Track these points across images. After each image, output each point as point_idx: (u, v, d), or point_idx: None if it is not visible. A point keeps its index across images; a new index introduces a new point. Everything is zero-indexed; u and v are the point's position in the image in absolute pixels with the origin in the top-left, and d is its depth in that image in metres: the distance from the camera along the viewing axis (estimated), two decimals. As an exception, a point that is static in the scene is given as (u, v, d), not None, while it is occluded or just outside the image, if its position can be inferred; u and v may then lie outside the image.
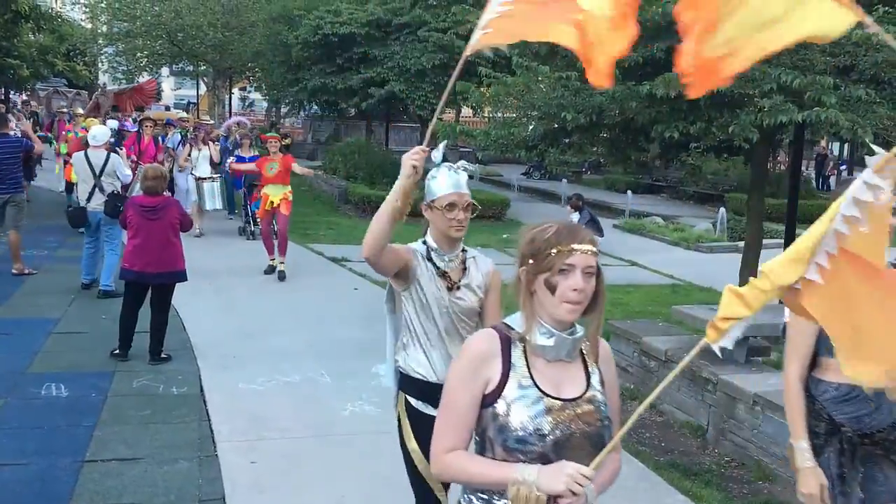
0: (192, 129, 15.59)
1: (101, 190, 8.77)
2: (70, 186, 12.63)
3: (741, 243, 12.69)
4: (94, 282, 8.99)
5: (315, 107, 24.49)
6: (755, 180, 8.24)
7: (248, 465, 4.87)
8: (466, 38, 10.79)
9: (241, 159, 13.03)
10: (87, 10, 30.21)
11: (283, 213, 10.19)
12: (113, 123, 14.88)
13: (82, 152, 9.08)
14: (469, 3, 17.26)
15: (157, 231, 6.63)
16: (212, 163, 13.40)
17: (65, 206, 11.34)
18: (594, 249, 2.05)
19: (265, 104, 42.84)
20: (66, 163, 13.37)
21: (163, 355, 6.74)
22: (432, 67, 16.83)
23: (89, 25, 31.30)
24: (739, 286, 6.85)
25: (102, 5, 28.95)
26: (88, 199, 8.80)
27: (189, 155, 13.19)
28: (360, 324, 8.18)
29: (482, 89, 8.72)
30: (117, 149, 11.67)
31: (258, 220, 12.66)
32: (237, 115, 16.66)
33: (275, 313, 8.49)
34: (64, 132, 14.63)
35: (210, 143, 13.67)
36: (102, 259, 8.93)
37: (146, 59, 30.21)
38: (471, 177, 14.27)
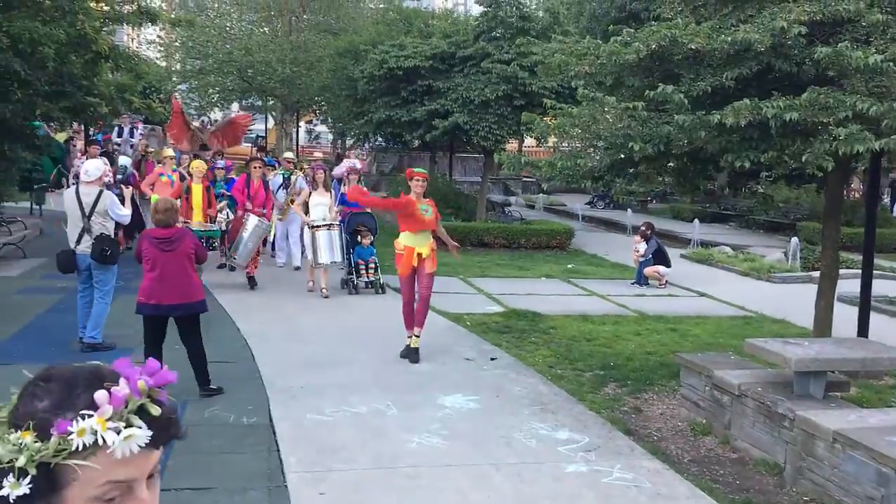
0: (299, 170, 13.94)
1: (90, 231, 7.80)
2: None
3: (815, 273, 12.31)
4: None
5: (380, 139, 24.83)
6: (830, 208, 8.01)
7: (318, 496, 4.90)
8: (531, 70, 10.93)
9: (344, 199, 11.66)
10: (162, 49, 31.47)
11: (430, 271, 8.10)
12: (125, 160, 14.07)
13: (73, 189, 8.11)
14: (532, 34, 17.36)
15: (173, 262, 6.58)
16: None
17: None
18: None
19: (331, 136, 43.69)
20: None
21: (212, 386, 6.70)
22: (496, 99, 16.90)
23: (164, 64, 32.54)
24: (815, 318, 6.71)
25: (177, 44, 30.11)
26: (78, 242, 7.84)
27: (308, 200, 11.48)
28: (425, 356, 8.18)
29: (546, 119, 8.73)
30: (122, 186, 10.69)
31: (361, 269, 11.41)
32: (349, 159, 15.03)
33: (340, 343, 8.57)
34: (154, 175, 12.97)
35: (332, 190, 12.00)
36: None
37: (217, 95, 31.21)
38: (532, 206, 14.35)
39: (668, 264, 13.58)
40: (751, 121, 5.79)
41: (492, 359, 8.26)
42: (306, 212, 11.38)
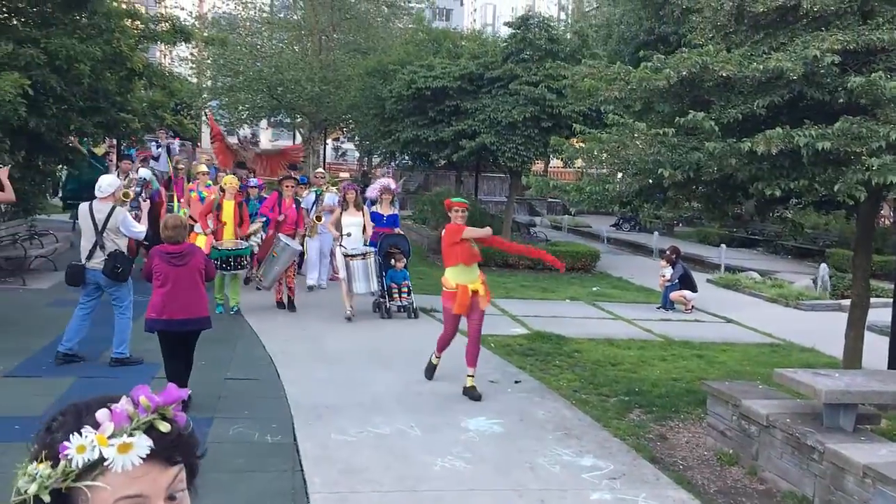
0: (329, 187, 13.54)
1: (102, 247, 7.77)
2: None
3: (845, 301, 12.16)
4: (73, 353, 7.95)
5: (406, 157, 24.96)
6: (862, 237, 7.92)
7: (340, 517, 4.90)
8: (558, 92, 10.92)
9: (377, 218, 11.50)
10: (194, 66, 31.91)
11: (483, 308, 7.66)
12: (146, 172, 13.51)
13: (87, 204, 8.03)
14: (561, 57, 17.40)
15: (184, 277, 6.63)
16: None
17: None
18: None
19: (357, 154, 44.01)
20: (190, 228, 11.42)
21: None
22: (523, 120, 16.93)
23: (195, 80, 32.99)
24: (845, 348, 6.65)
25: (208, 61, 30.53)
26: (89, 257, 7.83)
27: (339, 222, 11.00)
28: (448, 376, 8.16)
29: (574, 141, 8.74)
30: (140, 200, 10.57)
31: (394, 293, 11.12)
32: (382, 178, 13.97)
33: (364, 363, 8.59)
34: (187, 191, 12.93)
35: (364, 209, 11.37)
36: (85, 324, 8.06)
37: (247, 112, 31.56)
38: (558, 228, 14.05)
39: (694, 289, 13.48)
40: (782, 149, 5.76)
41: (516, 381, 8.24)
42: (340, 229, 10.98)
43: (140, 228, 8.16)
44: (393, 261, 11.17)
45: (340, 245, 10.91)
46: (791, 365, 9.11)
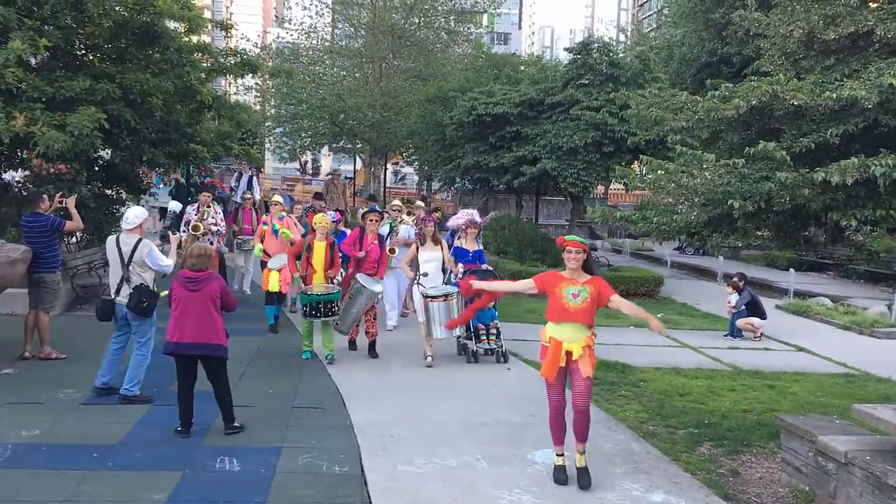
0: (404, 220, 12.92)
1: (128, 281, 7.64)
2: (269, 295, 11.48)
3: (923, 330, 11.73)
4: (109, 386, 7.86)
5: (466, 182, 25.10)
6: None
7: (409, 552, 4.89)
8: (620, 117, 10.89)
9: (462, 253, 10.48)
10: (259, 94, 32.77)
11: (586, 375, 6.11)
12: (175, 205, 13.32)
13: (114, 237, 7.87)
14: (622, 81, 17.33)
15: (196, 302, 6.75)
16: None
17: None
18: None
19: (416, 178, 44.41)
20: (262, 265, 12.01)
21: (235, 424, 6.93)
22: (584, 145, 16.92)
23: (258, 108, 33.86)
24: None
25: (272, 90, 31.31)
26: (117, 291, 7.71)
27: (415, 259, 10.18)
28: (512, 405, 8.14)
29: (636, 164, 8.68)
30: (170, 233, 9.97)
31: (481, 334, 10.09)
32: (466, 210, 12.45)
33: (429, 392, 8.59)
34: (262, 228, 12.62)
35: (443, 243, 10.42)
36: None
37: (310, 139, 32.21)
38: (619, 251, 13.65)
39: (762, 316, 13.17)
40: (857, 179, 5.63)
41: (582, 412, 8.13)
42: (417, 268, 10.13)
43: (167, 262, 7.92)
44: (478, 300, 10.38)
45: (419, 284, 9.96)
46: (867, 397, 8.83)
